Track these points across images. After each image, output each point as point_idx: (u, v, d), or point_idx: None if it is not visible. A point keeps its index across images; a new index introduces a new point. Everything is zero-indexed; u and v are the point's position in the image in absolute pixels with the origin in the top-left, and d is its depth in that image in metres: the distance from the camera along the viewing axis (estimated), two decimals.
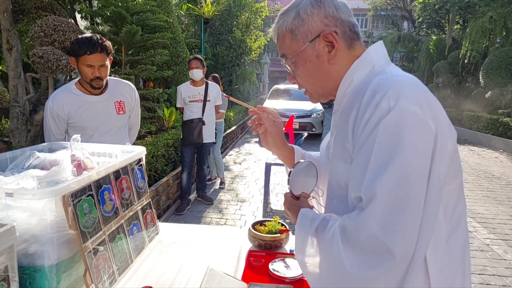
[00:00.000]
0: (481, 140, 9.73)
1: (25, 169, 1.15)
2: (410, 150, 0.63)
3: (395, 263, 0.61)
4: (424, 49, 16.36)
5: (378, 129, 0.65)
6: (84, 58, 1.75)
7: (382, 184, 0.62)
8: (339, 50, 0.80)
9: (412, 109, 0.64)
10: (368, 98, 0.69)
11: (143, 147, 1.39)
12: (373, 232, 0.62)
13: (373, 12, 24.48)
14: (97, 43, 1.75)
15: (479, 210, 4.41)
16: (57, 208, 0.88)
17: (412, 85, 0.69)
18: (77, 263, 0.99)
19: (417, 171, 0.63)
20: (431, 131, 0.64)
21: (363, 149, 0.68)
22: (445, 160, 0.66)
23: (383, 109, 0.66)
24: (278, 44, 0.87)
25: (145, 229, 1.29)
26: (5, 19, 3.08)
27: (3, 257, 0.75)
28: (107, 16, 4.72)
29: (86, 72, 1.79)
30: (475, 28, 11.57)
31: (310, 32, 0.79)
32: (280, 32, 0.84)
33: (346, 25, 0.80)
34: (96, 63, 1.77)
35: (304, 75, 0.84)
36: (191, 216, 4.00)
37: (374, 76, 0.74)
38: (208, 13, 9.40)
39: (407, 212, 0.62)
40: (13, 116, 3.23)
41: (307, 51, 0.81)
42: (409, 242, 0.61)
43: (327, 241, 0.71)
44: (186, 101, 3.97)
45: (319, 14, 0.79)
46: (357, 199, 0.69)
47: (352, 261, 0.65)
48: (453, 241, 0.72)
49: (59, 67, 2.94)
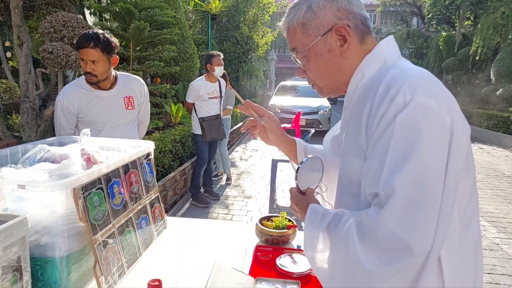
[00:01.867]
0: (491, 138, 9.58)
1: (36, 162, 1.16)
2: (428, 145, 0.62)
3: (413, 259, 0.60)
4: (434, 45, 16.14)
5: (395, 124, 0.64)
6: (80, 51, 1.78)
7: (401, 180, 0.61)
8: (352, 44, 0.79)
9: (429, 103, 0.63)
10: (382, 93, 0.68)
11: (152, 141, 1.40)
12: (392, 229, 0.61)
13: (382, 8, 24.17)
14: (92, 38, 1.74)
15: (489, 209, 4.35)
16: (67, 201, 0.89)
17: (427, 79, 0.69)
18: (87, 255, 1.00)
19: (435, 166, 0.62)
20: (447, 125, 0.64)
21: (378, 145, 0.67)
22: (461, 155, 0.66)
23: (398, 103, 0.64)
24: (288, 38, 0.85)
25: (154, 223, 1.30)
26: (16, 15, 3.12)
27: (16, 248, 0.77)
28: (116, 12, 4.74)
29: (82, 66, 1.82)
30: (487, 24, 11.37)
31: (322, 25, 0.78)
32: (291, 25, 0.83)
33: (359, 18, 0.79)
34: (87, 58, 1.77)
35: (315, 69, 0.83)
36: (197, 212, 4.02)
37: (386, 71, 0.73)
38: (215, 9, 9.39)
39: (426, 208, 0.61)
40: (24, 111, 3.27)
41: (319, 45, 0.80)
42: (428, 238, 0.61)
43: (341, 237, 0.70)
44: (204, 98, 3.92)
45: (331, 7, 0.78)
46: (372, 195, 0.67)
47: (369, 257, 0.64)
48: (465, 238, 0.71)
49: (68, 63, 2.97)
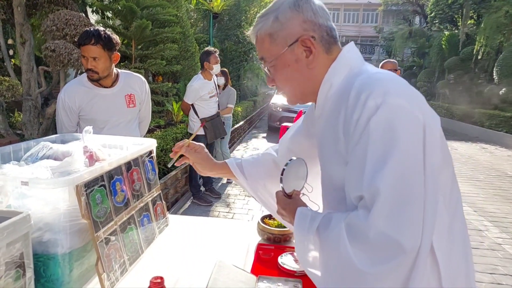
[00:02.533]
0: (493, 138, 9.55)
1: (39, 159, 1.17)
2: (405, 143, 0.64)
3: (406, 256, 0.62)
4: (436, 44, 16.07)
5: (370, 127, 0.66)
6: (81, 48, 1.78)
7: (384, 180, 0.63)
8: (317, 55, 0.80)
9: (399, 103, 0.66)
10: (354, 99, 0.70)
11: (154, 139, 1.40)
12: (381, 229, 0.62)
13: (384, 7, 24.10)
14: (93, 35, 1.75)
15: (490, 208, 4.34)
16: (70, 198, 0.90)
17: (394, 80, 0.72)
18: (89, 252, 1.01)
19: (414, 162, 0.64)
20: (420, 122, 0.66)
21: (357, 149, 0.69)
22: (436, 148, 0.68)
23: (370, 107, 0.67)
24: (257, 47, 0.87)
25: (155, 221, 1.30)
26: (18, 13, 3.12)
27: (19, 244, 0.77)
28: (118, 10, 4.74)
29: (83, 62, 1.82)
30: (490, 23, 11.32)
31: (289, 36, 0.80)
32: (259, 35, 0.84)
33: (324, 29, 0.80)
34: (88, 55, 1.77)
35: (283, 78, 0.85)
36: (198, 210, 4.03)
37: (353, 77, 0.75)
38: (217, 8, 9.38)
39: (410, 205, 0.63)
40: (26, 109, 3.28)
41: (286, 55, 0.81)
42: (416, 233, 0.63)
43: (332, 240, 0.71)
44: (205, 98, 3.85)
45: (297, 19, 0.79)
46: (358, 198, 0.69)
47: (362, 259, 0.64)
48: (454, 226, 0.74)
49: (70, 61, 2.97)
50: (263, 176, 1.18)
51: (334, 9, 31.10)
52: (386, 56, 23.84)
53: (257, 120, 11.61)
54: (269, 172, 1.17)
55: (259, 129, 10.27)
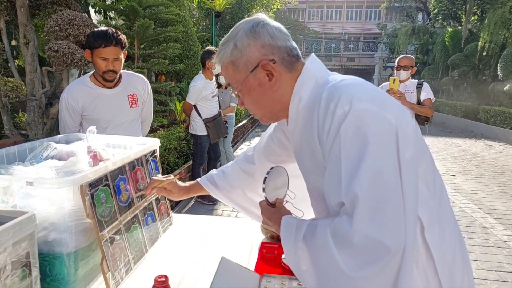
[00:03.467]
0: (498, 135, 9.48)
1: (43, 159, 1.17)
2: (375, 145, 0.66)
3: (392, 255, 0.63)
4: (440, 41, 15.95)
5: (340, 134, 0.68)
6: (99, 50, 1.78)
7: (360, 184, 0.64)
8: (279, 76, 0.82)
9: (366, 107, 0.68)
10: (323, 110, 0.72)
11: (157, 139, 1.40)
12: (364, 233, 0.63)
13: (387, 4, 23.95)
14: (112, 37, 1.77)
15: (496, 206, 4.31)
16: (74, 197, 0.90)
17: (359, 85, 0.74)
18: (94, 252, 1.01)
19: (388, 163, 0.66)
20: (390, 123, 0.68)
21: (331, 158, 0.71)
22: (410, 145, 0.69)
23: (339, 115, 0.69)
24: (223, 73, 0.89)
25: (159, 220, 1.31)
26: (22, 14, 3.14)
27: (25, 244, 0.77)
28: (120, 10, 4.75)
29: (100, 65, 1.81)
30: (494, 19, 11.21)
31: (249, 62, 0.81)
32: (222, 63, 0.86)
33: (284, 51, 0.82)
34: (110, 56, 1.79)
35: (250, 102, 0.87)
36: (203, 209, 4.04)
37: (320, 88, 0.78)
38: (219, 6, 9.37)
39: (389, 204, 0.64)
40: (30, 109, 3.30)
41: (249, 81, 0.83)
42: (400, 232, 0.64)
43: (319, 247, 0.72)
44: (207, 98, 3.84)
45: (255, 45, 0.80)
46: (339, 205, 0.70)
47: (349, 264, 0.65)
48: (442, 213, 0.77)
49: (73, 61, 2.98)
50: (235, 186, 1.22)
51: (337, 6, 30.99)
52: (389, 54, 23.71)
53: None
54: (241, 181, 1.21)
55: (262, 128, 10.26)
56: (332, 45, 31.28)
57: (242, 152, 1.29)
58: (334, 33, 30.82)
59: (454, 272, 0.76)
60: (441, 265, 0.73)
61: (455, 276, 0.77)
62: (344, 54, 31.02)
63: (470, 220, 3.82)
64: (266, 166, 1.07)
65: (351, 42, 31.38)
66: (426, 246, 0.72)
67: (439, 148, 7.84)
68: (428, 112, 3.44)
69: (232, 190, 1.22)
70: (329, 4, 30.88)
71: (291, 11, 29.88)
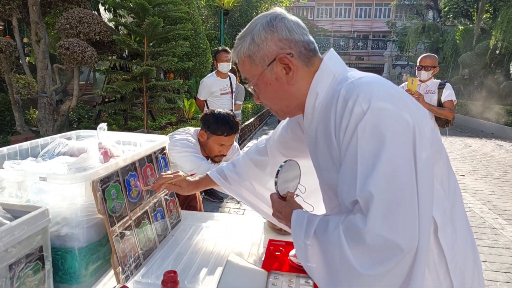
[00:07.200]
0: (510, 135, 9.31)
1: (55, 155, 1.19)
2: (391, 145, 0.65)
3: (404, 255, 0.63)
4: (450, 39, 15.72)
5: (357, 133, 0.68)
6: (219, 138, 1.77)
7: (375, 183, 0.64)
8: (297, 70, 0.82)
9: (385, 106, 0.68)
10: (341, 107, 0.72)
11: (166, 136, 1.41)
12: (377, 232, 0.64)
13: (397, 2, 23.67)
14: (235, 127, 1.77)
15: (506, 206, 4.25)
16: (86, 193, 0.92)
17: (378, 83, 0.73)
18: (105, 247, 1.03)
19: (404, 163, 0.65)
20: (407, 122, 0.67)
21: (347, 156, 0.70)
22: (427, 145, 0.69)
23: (357, 114, 0.68)
24: (239, 68, 0.89)
25: (168, 216, 1.32)
26: (34, 12, 3.18)
27: (38, 238, 0.79)
28: (130, 8, 4.79)
29: (215, 150, 1.81)
30: (507, 16, 10.99)
31: (266, 56, 0.81)
32: (239, 57, 0.86)
33: (301, 45, 0.81)
34: (229, 143, 1.81)
35: (266, 96, 0.87)
36: (209, 206, 4.06)
37: (338, 84, 0.77)
38: (227, 4, 9.37)
39: (404, 204, 0.64)
40: (41, 106, 3.35)
41: (266, 75, 0.83)
42: (413, 232, 0.64)
43: (331, 244, 0.72)
44: (216, 94, 3.93)
45: (273, 39, 0.80)
46: (352, 203, 0.70)
47: (361, 261, 0.66)
48: (455, 213, 0.76)
49: (84, 59, 3.02)
50: (245, 177, 1.22)
51: (346, 4, 30.71)
52: (399, 52, 23.44)
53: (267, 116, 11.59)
54: (251, 173, 1.21)
55: (269, 126, 10.25)
56: (341, 43, 31.03)
57: (254, 144, 1.28)
58: (343, 31, 30.57)
59: (465, 273, 0.76)
60: (453, 265, 0.73)
61: (466, 276, 0.76)
62: (353, 52, 30.76)
63: (479, 220, 3.77)
64: (278, 159, 1.07)
65: (360, 40, 31.10)
66: (439, 246, 0.72)
67: (449, 148, 7.74)
68: (447, 115, 3.24)
69: (242, 181, 1.22)
70: (338, 1, 30.61)
71: (300, 9, 29.72)
